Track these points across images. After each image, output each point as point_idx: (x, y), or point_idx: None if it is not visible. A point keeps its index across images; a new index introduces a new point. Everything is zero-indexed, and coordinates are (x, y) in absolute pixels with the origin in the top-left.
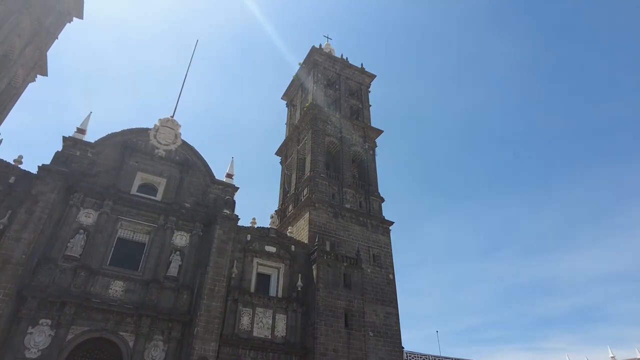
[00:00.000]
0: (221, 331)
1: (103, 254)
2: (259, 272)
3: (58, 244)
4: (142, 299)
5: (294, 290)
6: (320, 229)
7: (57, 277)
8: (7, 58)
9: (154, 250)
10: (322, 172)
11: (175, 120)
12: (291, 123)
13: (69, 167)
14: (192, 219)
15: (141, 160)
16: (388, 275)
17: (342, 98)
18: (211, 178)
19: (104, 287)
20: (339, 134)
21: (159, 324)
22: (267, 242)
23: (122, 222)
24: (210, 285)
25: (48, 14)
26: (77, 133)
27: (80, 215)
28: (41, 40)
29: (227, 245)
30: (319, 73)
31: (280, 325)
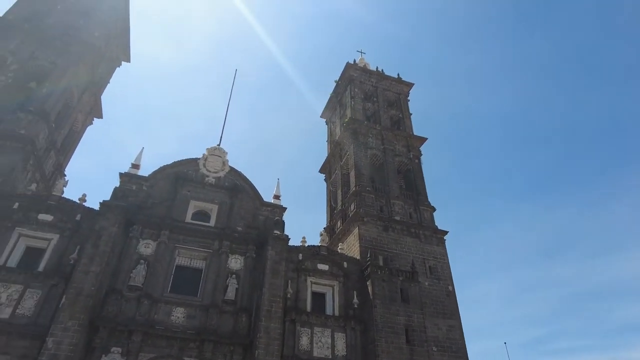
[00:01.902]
0: (281, 352)
1: (163, 282)
2: (314, 291)
3: (122, 275)
4: (203, 324)
5: (350, 308)
6: (371, 243)
7: (124, 307)
8: (68, 106)
9: (211, 275)
10: (367, 186)
11: (221, 148)
12: (332, 140)
13: (127, 202)
14: (245, 242)
15: (193, 189)
16: (447, 287)
17: (381, 110)
18: (260, 201)
19: (166, 314)
20: (381, 146)
21: (220, 347)
22: (319, 260)
23: (180, 249)
24: (267, 306)
25: (100, 62)
26: (132, 168)
27: (140, 246)
28: (95, 86)
29: (280, 265)
30: (356, 88)
31: (340, 344)
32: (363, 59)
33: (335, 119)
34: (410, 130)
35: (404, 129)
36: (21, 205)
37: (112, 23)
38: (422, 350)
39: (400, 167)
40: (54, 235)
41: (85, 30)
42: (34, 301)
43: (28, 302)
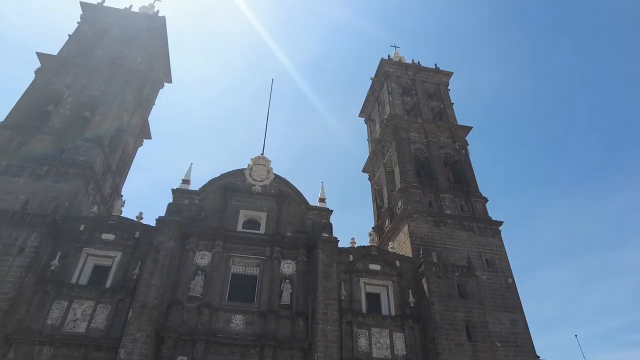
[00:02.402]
0: (340, 355)
1: (221, 290)
2: (368, 292)
3: (182, 286)
4: (262, 329)
5: (407, 307)
6: (423, 240)
7: (186, 317)
8: (119, 130)
9: (265, 282)
10: (413, 182)
11: (265, 157)
12: (373, 138)
13: (181, 216)
14: (295, 247)
15: (242, 199)
16: (507, 280)
17: (421, 102)
18: (306, 205)
19: (226, 322)
20: (424, 140)
21: (280, 352)
22: (370, 261)
23: (234, 258)
24: (322, 309)
25: (144, 85)
26: (182, 184)
27: (196, 257)
28: (143, 108)
29: (331, 268)
30: (393, 83)
31: (399, 344)
32: (398, 53)
33: (375, 116)
34: (454, 120)
35: (447, 119)
36: (86, 227)
37: (152, 47)
38: (485, 347)
39: (446, 159)
40: (117, 252)
41: (129, 58)
42: (105, 315)
43: (100, 317)
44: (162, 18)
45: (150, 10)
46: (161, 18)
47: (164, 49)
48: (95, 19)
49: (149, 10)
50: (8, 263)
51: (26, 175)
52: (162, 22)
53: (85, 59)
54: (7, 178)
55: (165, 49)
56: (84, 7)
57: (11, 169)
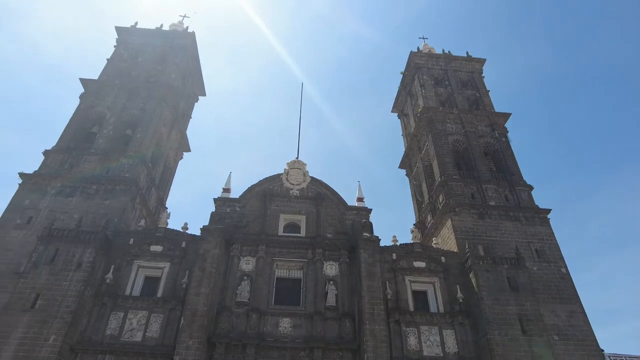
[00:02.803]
0: (390, 354)
1: (267, 295)
2: (414, 290)
3: (229, 292)
4: (309, 332)
5: (456, 303)
6: (468, 233)
7: (235, 322)
8: (159, 146)
9: (309, 284)
10: (453, 174)
11: (300, 161)
12: (407, 133)
13: (224, 224)
14: (337, 248)
15: (280, 203)
16: (560, 270)
17: (455, 92)
18: (344, 205)
19: (274, 325)
20: (462, 130)
21: (329, 354)
22: (414, 258)
23: (277, 262)
24: (368, 309)
25: (180, 100)
26: (223, 193)
27: (241, 263)
28: (180, 123)
29: (374, 267)
30: (424, 75)
31: (450, 341)
32: (427, 45)
33: (408, 111)
34: (491, 108)
35: (484, 107)
36: (136, 240)
37: (185, 63)
38: (542, 340)
39: (486, 149)
40: (165, 263)
41: (163, 75)
42: (159, 324)
43: (154, 326)
44: (191, 34)
45: (179, 27)
46: (191, 34)
47: (196, 64)
48: (130, 41)
49: (179, 28)
50: (68, 278)
51: (78, 195)
52: (192, 38)
53: (124, 80)
54: (62, 199)
55: (197, 63)
56: (119, 31)
57: (65, 190)
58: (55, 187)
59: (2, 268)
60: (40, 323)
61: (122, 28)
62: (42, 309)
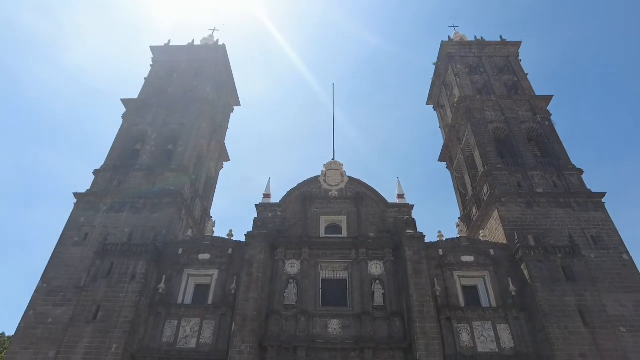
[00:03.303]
0: (443, 352)
1: (314, 297)
2: (464, 285)
3: (277, 296)
4: (359, 332)
5: (508, 297)
6: (516, 224)
7: (284, 325)
8: (200, 157)
9: (355, 284)
10: (497, 163)
11: (337, 162)
12: (445, 124)
13: (267, 229)
14: (380, 247)
15: (320, 205)
16: (621, 256)
17: (492, 79)
18: (384, 203)
19: (323, 327)
20: (501, 117)
21: (380, 354)
22: (461, 253)
23: (321, 264)
24: (418, 307)
25: (216, 112)
26: (264, 198)
27: (286, 267)
28: (218, 134)
29: (421, 265)
30: (457, 64)
31: (505, 336)
32: (458, 33)
33: (444, 102)
34: (531, 91)
35: (523, 92)
36: (184, 250)
37: (218, 75)
38: (607, 333)
39: (530, 134)
40: (214, 270)
41: (199, 89)
42: (211, 330)
43: (207, 332)
44: (222, 47)
45: (210, 41)
46: (221, 47)
47: (229, 75)
48: (165, 58)
49: (209, 42)
50: (124, 289)
51: (127, 210)
52: (223, 50)
53: (162, 97)
54: (113, 214)
55: (230, 74)
56: (154, 50)
57: (115, 206)
58: (106, 204)
59: (65, 283)
60: (103, 333)
61: (156, 47)
62: (103, 319)
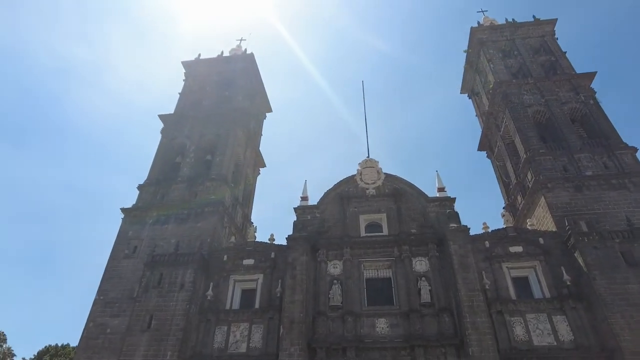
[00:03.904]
0: (497, 347)
1: (359, 297)
2: (513, 277)
3: (322, 298)
4: (408, 330)
5: (562, 287)
6: (565, 209)
7: (331, 327)
8: (237, 165)
9: (400, 282)
10: (540, 148)
11: (372, 159)
12: (482, 112)
13: (307, 231)
14: (424, 243)
15: (358, 204)
16: None
17: (528, 61)
18: (425, 198)
19: (370, 327)
20: (541, 100)
21: (432, 351)
22: (509, 243)
23: (364, 263)
24: (467, 302)
25: (250, 120)
26: (302, 201)
27: (329, 267)
28: (253, 141)
29: (467, 258)
30: (490, 49)
31: (563, 328)
32: (487, 17)
33: (478, 89)
34: (571, 70)
35: (562, 71)
36: (229, 257)
37: (249, 84)
38: None
39: (573, 115)
40: (258, 275)
41: (232, 99)
42: (260, 334)
43: (256, 336)
44: (250, 55)
45: (239, 51)
46: (250, 56)
47: (259, 82)
48: (197, 72)
49: (238, 52)
50: (174, 298)
51: (172, 221)
52: (251, 59)
53: (197, 110)
54: (159, 227)
55: (260, 82)
56: (186, 65)
57: (160, 219)
58: (152, 217)
59: (119, 294)
60: (157, 341)
61: (187, 62)
62: (156, 328)
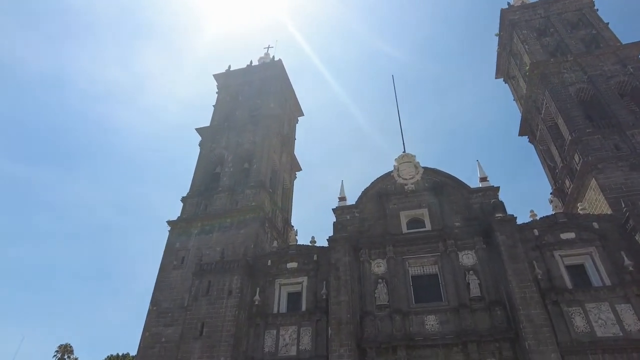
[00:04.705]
0: (556, 339)
1: (406, 294)
2: (568, 265)
3: (368, 297)
4: (459, 326)
5: (625, 272)
6: (620, 190)
7: (379, 326)
8: (274, 171)
9: (447, 277)
10: (586, 128)
11: (409, 154)
12: (519, 96)
13: (347, 231)
14: (469, 236)
15: (398, 201)
16: None
17: (566, 37)
18: (467, 189)
19: (419, 324)
20: (583, 77)
21: (485, 346)
22: (560, 230)
23: (408, 260)
24: (519, 294)
25: (283, 126)
26: (340, 202)
27: (373, 267)
28: (287, 146)
29: (516, 249)
30: (523, 29)
31: (629, 318)
32: None
33: (514, 72)
34: (616, 41)
35: (606, 44)
36: (272, 261)
37: (279, 90)
38: None
39: (621, 90)
40: (303, 278)
41: (264, 106)
42: (309, 337)
43: (305, 339)
44: (279, 62)
45: (267, 58)
46: (278, 62)
47: (289, 88)
48: (228, 84)
49: (266, 59)
50: (224, 305)
51: (216, 230)
52: (280, 65)
53: (231, 120)
54: (204, 236)
55: (290, 87)
56: (217, 77)
57: (205, 228)
58: (196, 227)
59: (171, 305)
60: (210, 347)
61: (219, 75)
62: (208, 335)
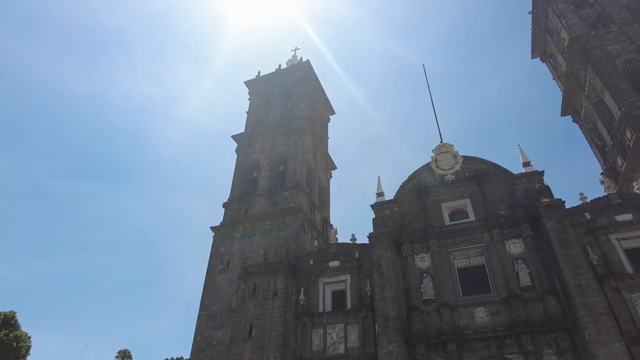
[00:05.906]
0: (619, 328)
1: (452, 287)
2: (626, 248)
3: (414, 292)
4: (510, 317)
5: None
6: None
7: (427, 320)
8: (310, 171)
9: (495, 268)
10: (637, 101)
11: (446, 144)
12: (559, 74)
13: (387, 227)
14: (515, 223)
15: (438, 193)
16: None
17: (607, 6)
18: (510, 176)
19: (469, 317)
20: (630, 47)
21: (540, 337)
22: (614, 212)
23: (453, 253)
24: (573, 281)
25: (315, 125)
26: (378, 197)
27: (416, 261)
28: (321, 145)
29: (567, 234)
30: (558, 4)
31: None
32: None
33: (551, 50)
34: None
35: None
36: (315, 261)
37: (309, 91)
38: None
39: None
40: (345, 276)
41: (294, 108)
42: (356, 334)
43: (352, 336)
44: (307, 63)
45: (295, 61)
46: (306, 63)
47: (319, 88)
48: (259, 89)
49: (294, 61)
50: (270, 306)
51: (258, 233)
52: (308, 66)
53: (264, 125)
54: (247, 239)
55: (319, 87)
56: (248, 84)
57: (247, 232)
58: (239, 231)
59: (219, 308)
60: (259, 348)
61: (249, 81)
62: (257, 336)
